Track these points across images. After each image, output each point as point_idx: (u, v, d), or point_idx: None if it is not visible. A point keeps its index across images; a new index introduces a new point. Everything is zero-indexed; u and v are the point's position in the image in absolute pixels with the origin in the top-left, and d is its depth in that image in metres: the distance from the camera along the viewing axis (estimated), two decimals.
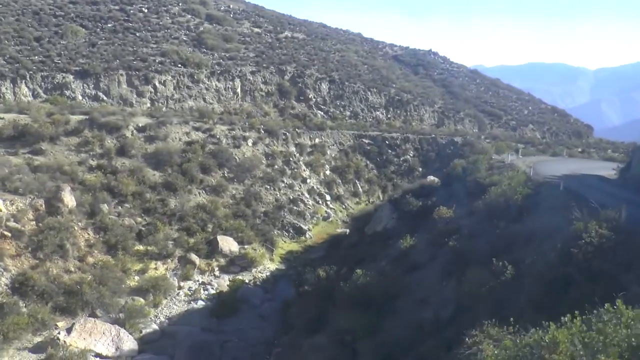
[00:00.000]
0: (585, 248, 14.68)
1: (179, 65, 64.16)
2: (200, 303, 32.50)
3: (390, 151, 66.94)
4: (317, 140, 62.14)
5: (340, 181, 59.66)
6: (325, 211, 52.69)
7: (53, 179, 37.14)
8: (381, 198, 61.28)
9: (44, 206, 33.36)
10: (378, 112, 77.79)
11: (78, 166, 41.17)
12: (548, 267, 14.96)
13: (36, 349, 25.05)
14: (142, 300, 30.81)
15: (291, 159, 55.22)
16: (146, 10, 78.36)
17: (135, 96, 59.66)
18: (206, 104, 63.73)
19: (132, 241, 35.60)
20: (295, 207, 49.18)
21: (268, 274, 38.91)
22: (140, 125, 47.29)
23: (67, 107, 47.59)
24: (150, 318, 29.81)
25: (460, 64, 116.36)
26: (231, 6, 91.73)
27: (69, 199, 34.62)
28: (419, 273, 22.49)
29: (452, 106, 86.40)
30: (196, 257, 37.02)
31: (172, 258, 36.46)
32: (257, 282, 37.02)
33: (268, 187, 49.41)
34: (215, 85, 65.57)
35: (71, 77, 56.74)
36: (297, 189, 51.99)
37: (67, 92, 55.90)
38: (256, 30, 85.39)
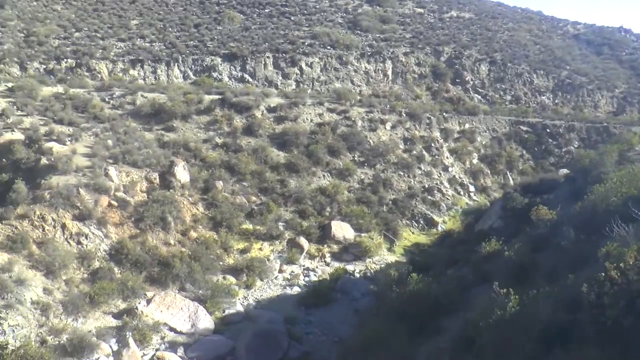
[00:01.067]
0: None
1: (328, 47, 63.28)
2: (296, 289, 30.69)
3: (551, 140, 58.87)
4: (466, 125, 56.83)
5: (488, 171, 53.72)
6: (467, 203, 47.74)
7: (176, 155, 38.34)
8: None
9: (157, 179, 34.20)
10: (544, 97, 69.32)
11: (203, 144, 42.09)
12: None
13: (119, 315, 25.25)
14: (233, 279, 29.94)
15: (433, 144, 51.00)
16: None
17: (280, 78, 60.14)
18: (353, 86, 62.01)
19: (240, 219, 35.00)
20: (429, 197, 45.11)
21: (383, 265, 35.78)
22: (272, 105, 46.98)
23: (205, 87, 48.99)
24: (238, 299, 28.73)
25: None
26: None
27: (181, 173, 35.09)
28: (482, 288, 17.70)
29: (638, 91, 73.86)
30: (305, 241, 35.32)
31: (280, 240, 35.20)
32: (368, 274, 34.14)
33: (402, 173, 45.99)
34: (365, 67, 63.52)
35: (219, 59, 58.88)
36: (436, 177, 47.72)
37: (214, 74, 58.06)
38: (419, 10, 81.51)
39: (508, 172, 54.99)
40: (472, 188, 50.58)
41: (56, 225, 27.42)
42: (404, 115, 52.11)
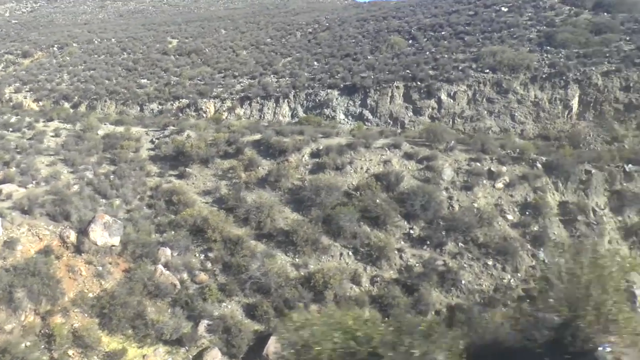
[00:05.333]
0: None
1: (486, 71, 48.00)
2: None
3: None
4: None
5: None
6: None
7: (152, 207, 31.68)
8: None
9: (73, 238, 27.73)
10: None
11: (202, 196, 34.39)
12: None
13: None
14: None
15: (583, 217, 32.54)
16: (505, 10, 63.48)
17: (410, 113, 47.65)
18: (514, 123, 45.46)
19: (148, 308, 25.83)
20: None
21: None
22: (321, 147, 35.96)
23: (253, 126, 40.77)
24: None
25: None
26: None
27: (99, 234, 27.93)
28: None
29: None
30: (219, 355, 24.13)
31: (188, 347, 24.82)
32: None
33: (491, 263, 29.90)
34: (535, 95, 46.11)
35: (336, 93, 49.64)
36: None
37: (327, 111, 49.07)
38: None
39: None
40: None
41: None
42: (539, 167, 34.68)
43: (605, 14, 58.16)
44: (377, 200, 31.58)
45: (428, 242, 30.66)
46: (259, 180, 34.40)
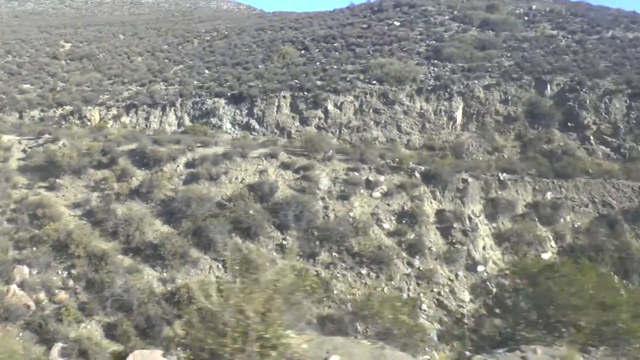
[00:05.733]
0: None
1: (374, 83, 48.22)
2: None
3: None
4: (548, 195, 36.52)
5: None
6: None
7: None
8: None
9: None
10: None
11: (72, 209, 31.91)
12: None
13: None
14: None
15: (459, 225, 32.78)
16: (397, 24, 64.62)
17: (297, 123, 46.93)
18: (400, 133, 45.75)
19: None
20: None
21: None
22: (196, 157, 34.42)
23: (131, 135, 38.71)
24: None
25: None
26: (534, 7, 68.55)
27: None
28: None
29: None
30: None
31: None
32: None
33: (365, 272, 29.41)
34: (421, 106, 46.74)
35: (222, 102, 48.24)
36: (442, 281, 30.05)
37: (214, 120, 47.56)
38: (551, 32, 60.70)
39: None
40: None
41: None
42: (417, 176, 34.79)
43: (490, 31, 60.39)
44: (250, 211, 30.47)
45: (301, 253, 29.83)
46: (131, 192, 32.44)
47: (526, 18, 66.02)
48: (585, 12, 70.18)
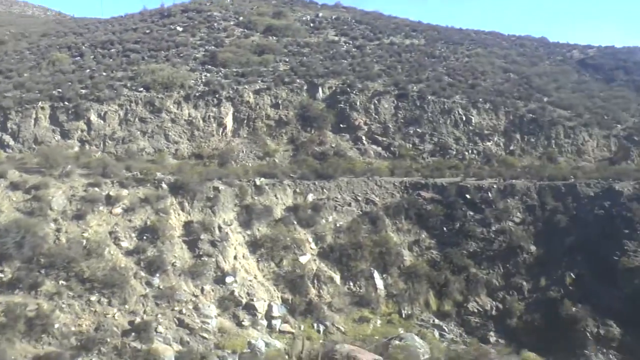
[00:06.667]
0: None
1: (140, 90, 45.32)
2: None
3: (471, 213, 37.14)
4: (309, 197, 36.23)
5: (332, 275, 32.94)
6: (252, 343, 27.44)
7: None
8: (434, 309, 32.65)
9: None
10: (489, 143, 46.96)
11: None
12: None
13: None
14: None
15: (208, 236, 31.02)
16: (180, 29, 62.32)
17: (57, 137, 42.61)
18: (168, 142, 43.36)
19: None
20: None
21: None
22: None
23: None
24: None
25: None
26: (320, 14, 70.23)
27: None
28: None
29: None
30: None
31: None
32: None
33: (86, 298, 26.37)
34: (189, 114, 44.74)
35: None
36: (186, 298, 28.15)
37: None
38: (333, 38, 62.32)
39: (374, 273, 33.83)
40: (277, 311, 30.03)
41: None
42: (164, 187, 32.55)
43: (273, 37, 60.37)
44: None
45: (20, 285, 26.16)
46: None
47: (312, 25, 67.24)
48: (371, 21, 73.39)
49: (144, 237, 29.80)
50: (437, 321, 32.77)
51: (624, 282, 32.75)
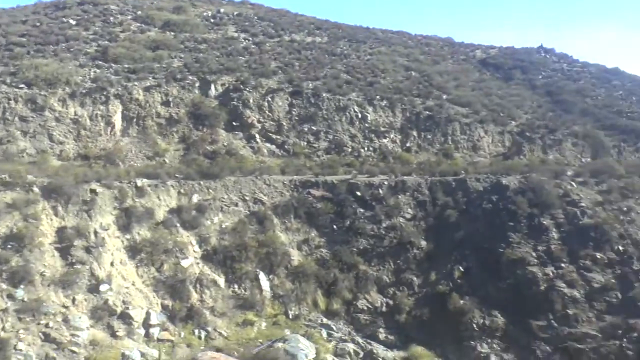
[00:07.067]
0: None
1: (21, 86, 42.66)
2: None
3: (362, 210, 37.25)
4: (194, 198, 35.19)
5: (216, 278, 32.10)
6: (124, 354, 26.09)
7: None
8: (322, 308, 32.43)
9: None
10: (385, 140, 47.54)
11: None
12: None
13: None
14: None
15: (83, 241, 29.41)
16: (73, 22, 59.32)
17: None
18: (52, 143, 41.03)
19: None
20: None
21: None
22: None
23: None
24: None
25: (588, 63, 79.09)
26: (222, 10, 69.00)
27: None
28: None
29: (546, 122, 52.43)
30: None
31: None
32: None
33: None
34: (75, 112, 42.57)
35: None
36: (55, 310, 26.55)
37: None
38: (233, 35, 61.32)
39: (261, 274, 33.23)
40: (156, 319, 28.85)
41: None
42: (36, 191, 30.64)
43: (171, 32, 58.58)
44: None
45: None
46: None
47: (212, 20, 65.92)
48: (275, 18, 72.80)
49: (9, 246, 27.89)
50: (325, 320, 32.52)
51: (508, 273, 33.89)
